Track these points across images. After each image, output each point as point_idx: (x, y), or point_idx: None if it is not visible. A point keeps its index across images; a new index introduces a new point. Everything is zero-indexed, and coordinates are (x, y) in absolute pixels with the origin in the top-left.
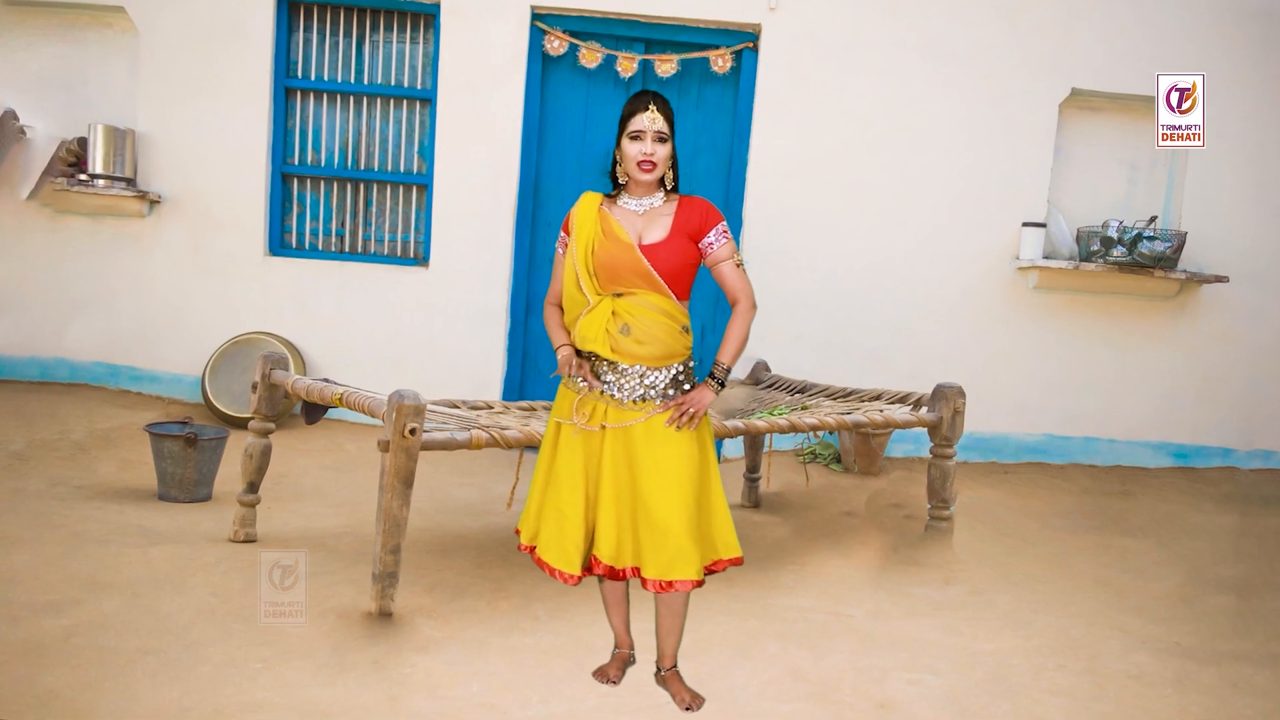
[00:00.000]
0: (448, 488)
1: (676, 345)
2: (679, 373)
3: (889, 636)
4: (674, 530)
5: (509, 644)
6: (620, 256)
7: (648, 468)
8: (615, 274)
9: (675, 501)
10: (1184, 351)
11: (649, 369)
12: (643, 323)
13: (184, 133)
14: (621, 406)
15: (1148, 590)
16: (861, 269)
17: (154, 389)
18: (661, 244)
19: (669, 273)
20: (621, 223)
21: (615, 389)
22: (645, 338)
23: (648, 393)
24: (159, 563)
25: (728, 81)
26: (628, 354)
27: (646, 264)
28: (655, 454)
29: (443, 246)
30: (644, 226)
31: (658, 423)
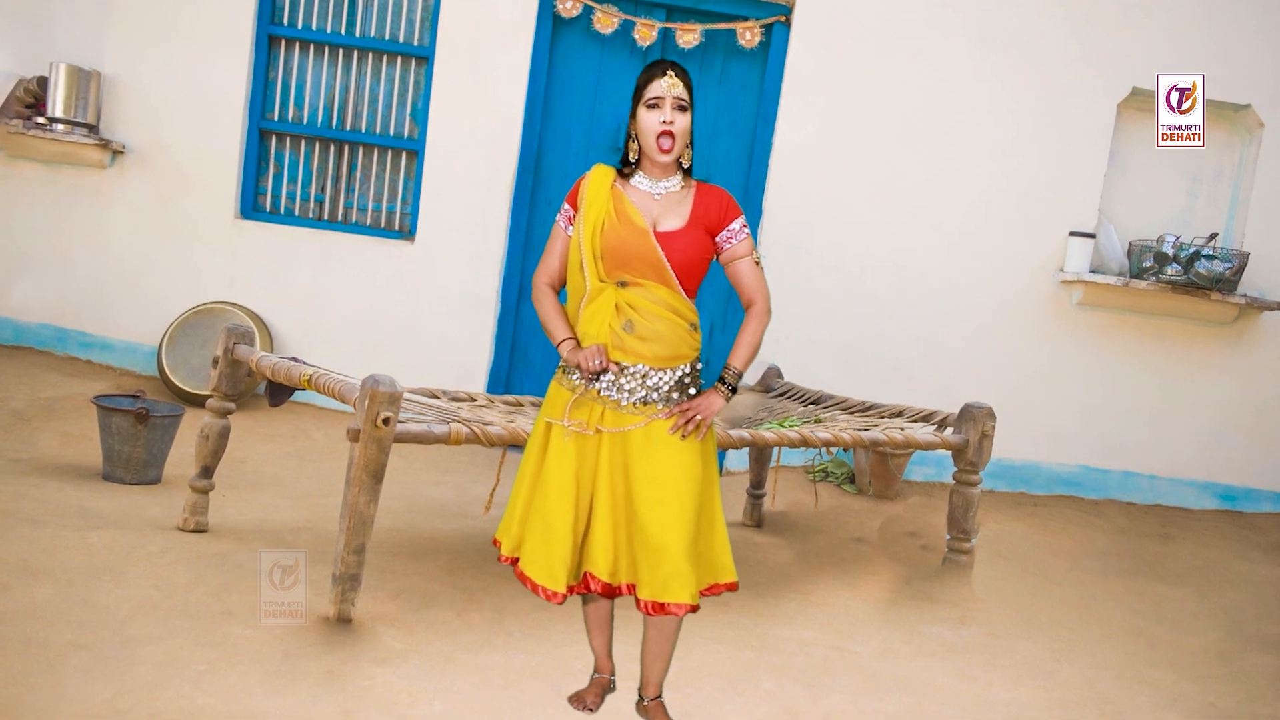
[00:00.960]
0: (421, 485)
1: (684, 345)
2: (685, 375)
3: (896, 678)
4: (671, 548)
5: (478, 661)
6: (631, 242)
7: (645, 478)
8: (623, 260)
9: (673, 517)
10: (1238, 383)
11: (653, 369)
12: (648, 319)
13: (155, 78)
14: (620, 409)
15: (1183, 644)
16: (889, 272)
17: (105, 357)
18: (678, 233)
19: (682, 265)
20: (637, 205)
21: (615, 390)
22: (650, 335)
23: (650, 395)
24: (99, 549)
25: (755, 58)
26: (631, 352)
27: (660, 253)
28: (654, 463)
29: (431, 220)
30: (660, 212)
31: (658, 429)
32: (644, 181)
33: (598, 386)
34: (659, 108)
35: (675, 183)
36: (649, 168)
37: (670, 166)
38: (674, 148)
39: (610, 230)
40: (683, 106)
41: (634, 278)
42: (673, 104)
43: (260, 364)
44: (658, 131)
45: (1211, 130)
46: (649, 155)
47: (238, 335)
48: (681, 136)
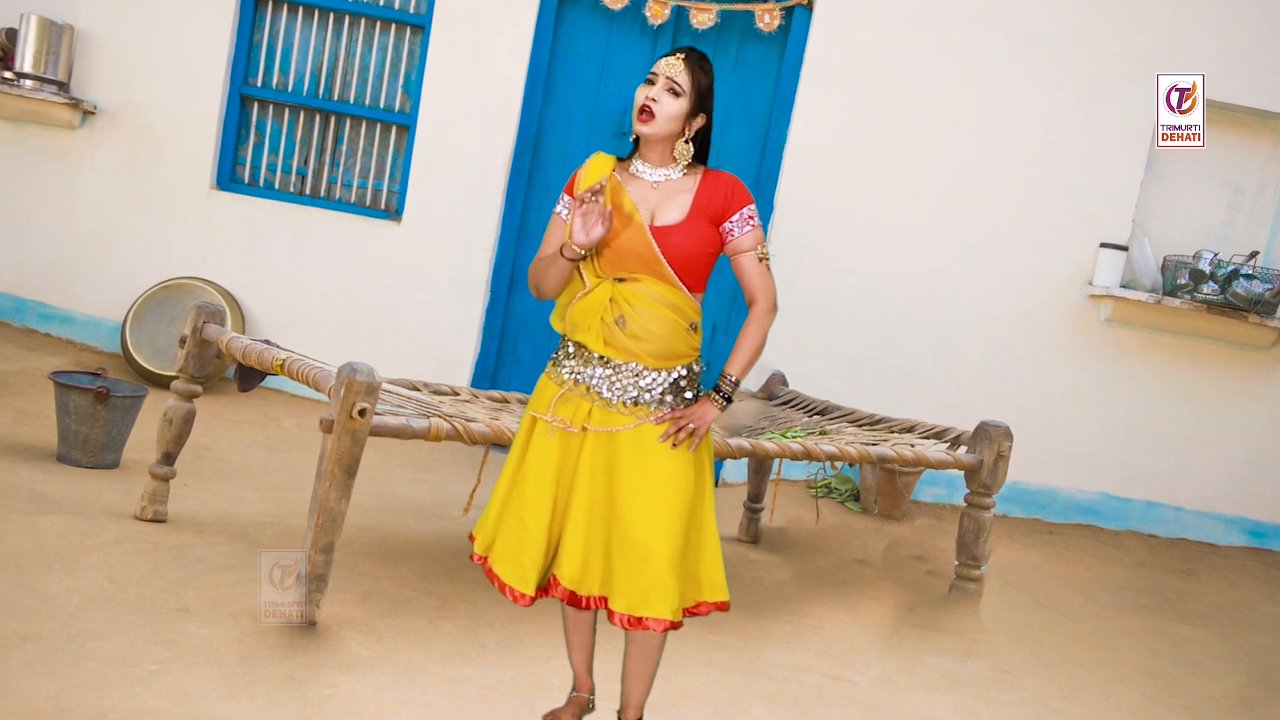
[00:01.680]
0: (396, 483)
1: (680, 345)
2: (681, 378)
3: (894, 710)
4: (654, 557)
5: (449, 672)
6: (626, 237)
7: (632, 481)
8: (619, 257)
9: (660, 524)
10: (1273, 413)
11: (645, 368)
12: (641, 315)
13: (131, 34)
14: (609, 408)
15: (1202, 688)
16: (905, 278)
17: (66, 331)
18: (677, 227)
19: (681, 261)
20: (634, 196)
21: (604, 386)
22: (642, 333)
23: (642, 396)
24: (49, 535)
25: (773, 42)
26: (621, 349)
27: (655, 249)
28: (643, 466)
29: (420, 200)
30: (658, 203)
31: (649, 432)
32: (643, 169)
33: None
34: (651, 83)
35: (677, 169)
36: (646, 151)
37: (664, 153)
38: (652, 125)
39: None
40: (675, 91)
41: (631, 273)
42: (665, 84)
43: (231, 346)
44: (639, 105)
45: (1256, 141)
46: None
47: (208, 314)
48: (666, 120)
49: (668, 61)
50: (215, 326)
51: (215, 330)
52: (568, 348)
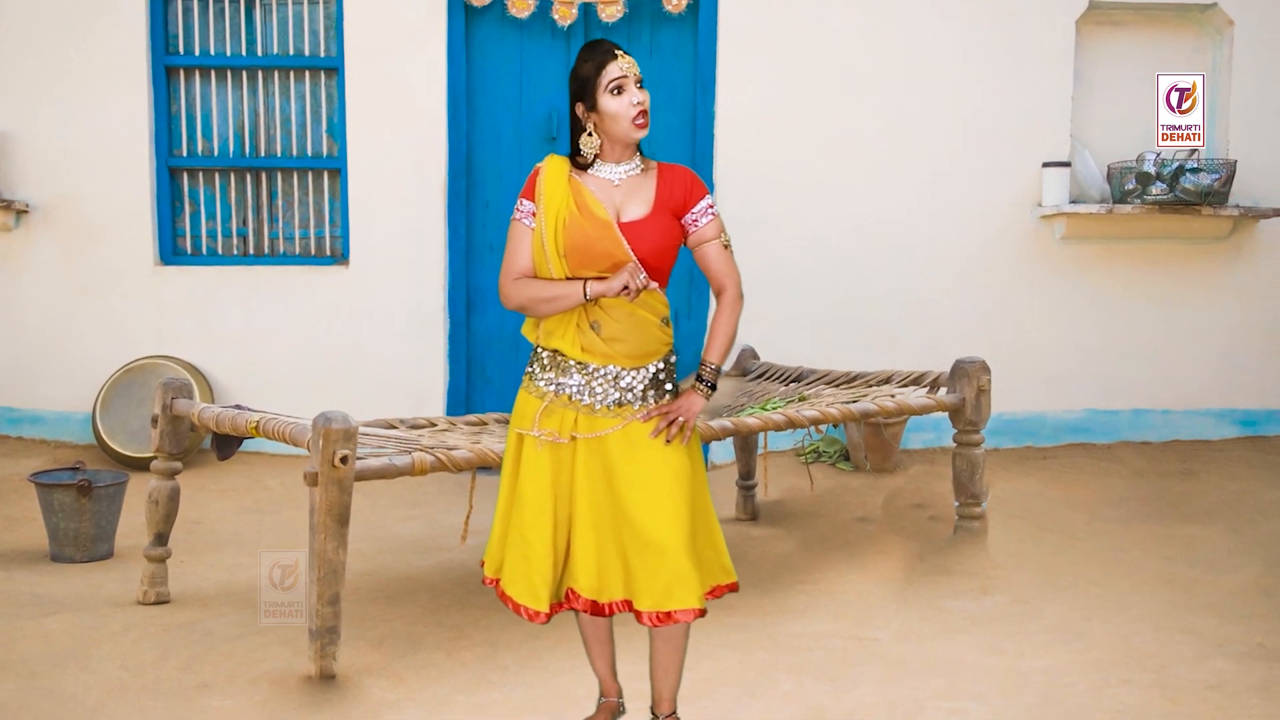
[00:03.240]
0: (390, 523)
1: (654, 342)
2: (659, 371)
3: (921, 661)
4: (670, 549)
5: (475, 701)
6: (595, 236)
7: (631, 482)
8: (589, 257)
9: (669, 517)
10: (1243, 301)
11: (624, 370)
12: (615, 317)
13: (50, 130)
14: (594, 414)
15: (1221, 584)
16: (857, 233)
17: (37, 431)
18: (643, 222)
19: (650, 256)
20: (597, 194)
21: (585, 394)
22: (618, 335)
23: (624, 397)
24: (58, 635)
25: (684, 22)
26: (598, 353)
27: (626, 246)
28: (639, 464)
29: (364, 240)
30: (623, 200)
31: (638, 431)
32: (601, 168)
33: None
34: (625, 90)
35: (635, 165)
36: (609, 152)
37: (631, 147)
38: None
39: (572, 225)
40: (641, 83)
41: (601, 274)
42: (636, 81)
43: (203, 416)
44: (632, 114)
45: (1179, 35)
46: (625, 138)
47: (175, 389)
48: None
49: (623, 63)
50: (184, 401)
51: (185, 404)
52: (542, 359)
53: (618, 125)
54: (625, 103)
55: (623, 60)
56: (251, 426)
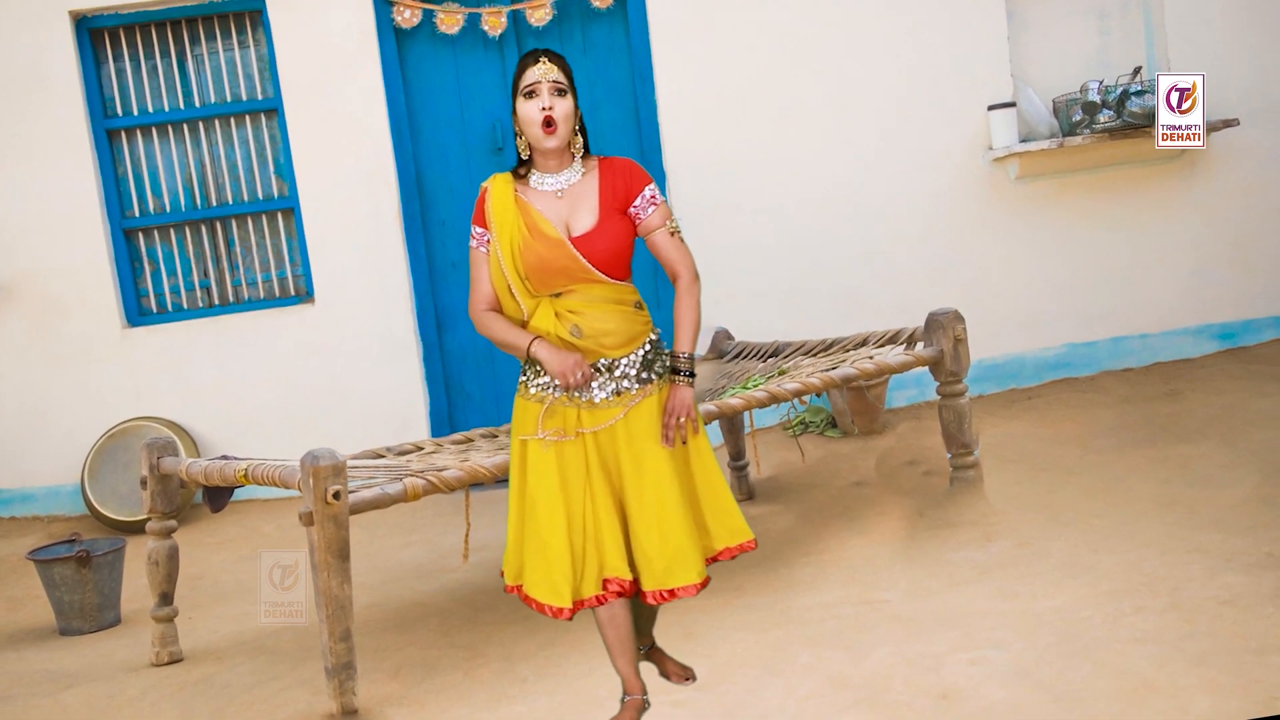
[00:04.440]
0: (390, 551)
1: (635, 326)
2: (648, 352)
3: (935, 616)
4: (669, 534)
5: (498, 717)
6: (549, 255)
7: (632, 466)
8: (548, 276)
9: (665, 501)
10: (1205, 215)
11: (616, 360)
12: (591, 319)
13: (1, 208)
14: (595, 407)
15: (1221, 499)
16: (815, 202)
17: (28, 509)
18: (594, 231)
19: (606, 261)
20: (543, 212)
21: (584, 391)
22: (599, 331)
23: (620, 385)
24: (76, 709)
25: (614, 16)
26: (589, 352)
27: (582, 260)
28: (636, 453)
29: (326, 275)
30: (569, 211)
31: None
32: (543, 180)
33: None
34: (536, 95)
35: (575, 170)
36: (542, 162)
37: (563, 155)
38: (558, 131)
39: (526, 249)
40: (561, 90)
41: (564, 287)
42: (550, 88)
43: (191, 471)
44: (539, 120)
45: None
46: (536, 147)
47: (159, 449)
48: (565, 120)
49: (538, 69)
50: (170, 459)
51: (172, 462)
52: (535, 367)
53: (529, 130)
54: (534, 107)
55: (540, 66)
56: (240, 474)
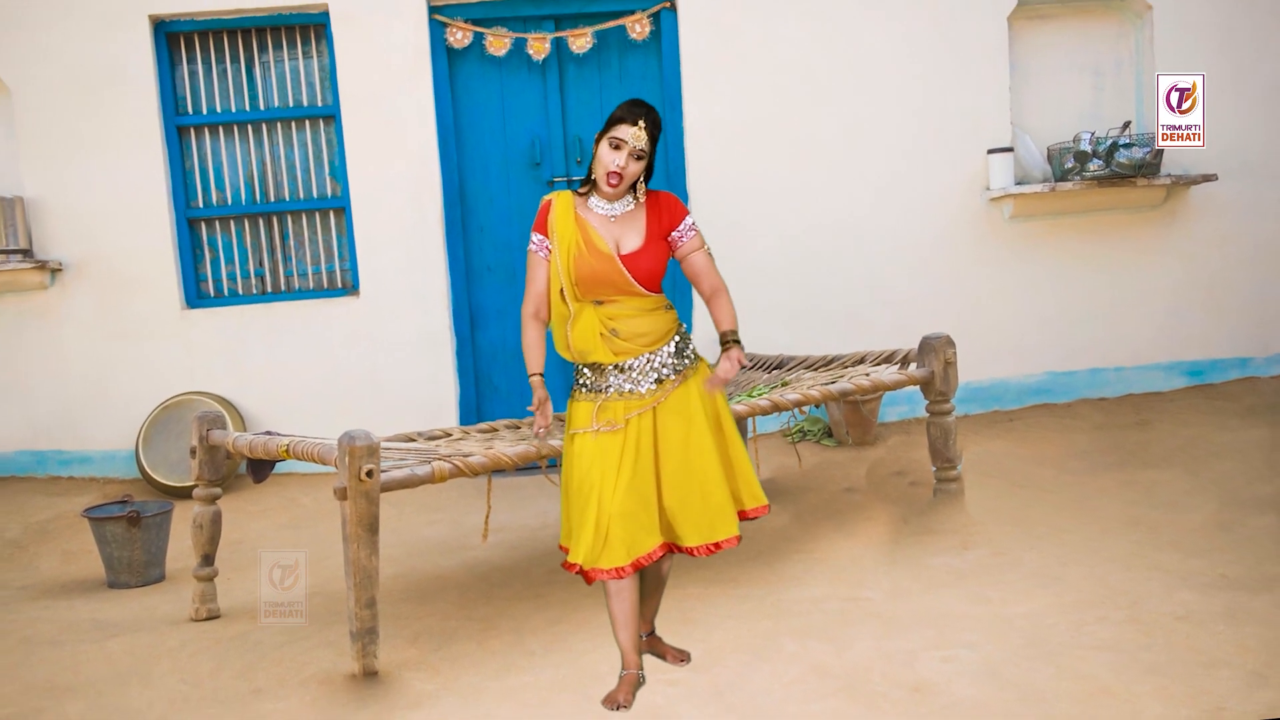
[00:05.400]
0: (416, 527)
1: (665, 324)
2: (677, 343)
3: (913, 615)
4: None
5: (507, 685)
6: (600, 268)
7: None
8: (596, 284)
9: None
10: (1182, 261)
11: (652, 353)
12: (628, 324)
13: (76, 193)
14: (641, 397)
15: (1182, 523)
16: (823, 228)
17: (86, 470)
18: (640, 252)
19: (646, 277)
20: (599, 230)
21: (628, 383)
22: (635, 334)
23: (659, 374)
24: (120, 656)
25: (649, 48)
26: (626, 352)
27: (628, 275)
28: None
29: (371, 271)
30: (620, 234)
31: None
32: (600, 204)
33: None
34: (619, 150)
35: (628, 202)
36: (603, 190)
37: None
38: (620, 187)
39: (580, 260)
40: (640, 156)
41: (607, 296)
42: (631, 153)
43: (236, 444)
44: (608, 171)
45: (1104, 23)
46: (599, 185)
47: (209, 422)
48: (629, 179)
49: (634, 133)
50: (218, 431)
51: (219, 434)
52: (584, 373)
53: (597, 169)
54: (610, 159)
55: (635, 129)
56: (282, 449)
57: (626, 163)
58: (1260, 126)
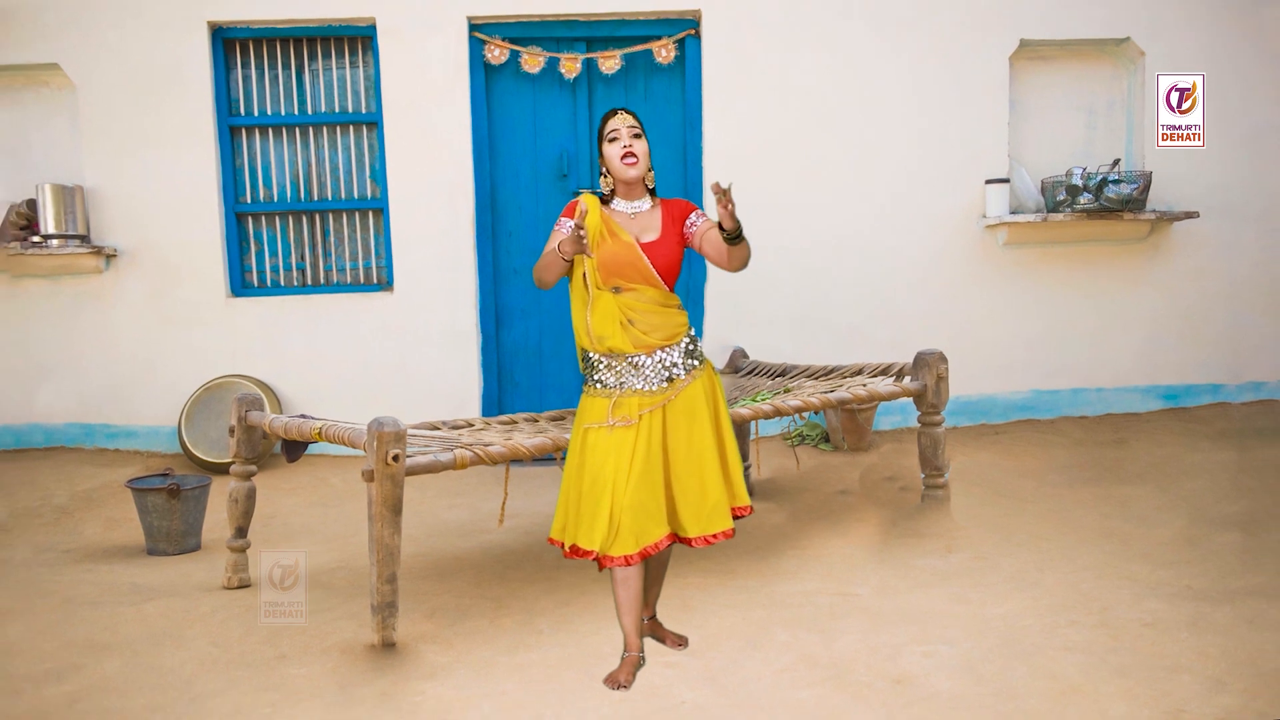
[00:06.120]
0: (437, 510)
1: (676, 324)
2: (688, 343)
3: (898, 611)
4: (709, 490)
5: (516, 661)
6: (622, 254)
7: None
8: (617, 268)
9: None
10: (1162, 292)
11: (664, 351)
12: (643, 314)
13: (133, 184)
14: (652, 395)
15: (1152, 536)
16: (829, 245)
17: (131, 444)
18: (657, 243)
19: (663, 267)
20: (621, 224)
21: (641, 381)
22: (650, 327)
23: (670, 372)
24: (155, 618)
25: (673, 71)
26: (643, 345)
27: (646, 260)
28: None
29: (405, 269)
30: (639, 229)
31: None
32: (621, 204)
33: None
34: (618, 139)
35: (645, 203)
36: (624, 191)
37: (639, 188)
38: (638, 164)
39: (604, 245)
40: (637, 134)
41: (626, 283)
42: (628, 132)
43: (272, 426)
44: (621, 154)
45: (1098, 66)
46: (619, 177)
47: (248, 403)
48: (643, 157)
49: (617, 119)
50: (256, 413)
51: (257, 416)
52: (598, 369)
53: (611, 165)
54: (616, 148)
55: (619, 117)
56: (315, 432)
57: (631, 142)
58: (1242, 169)
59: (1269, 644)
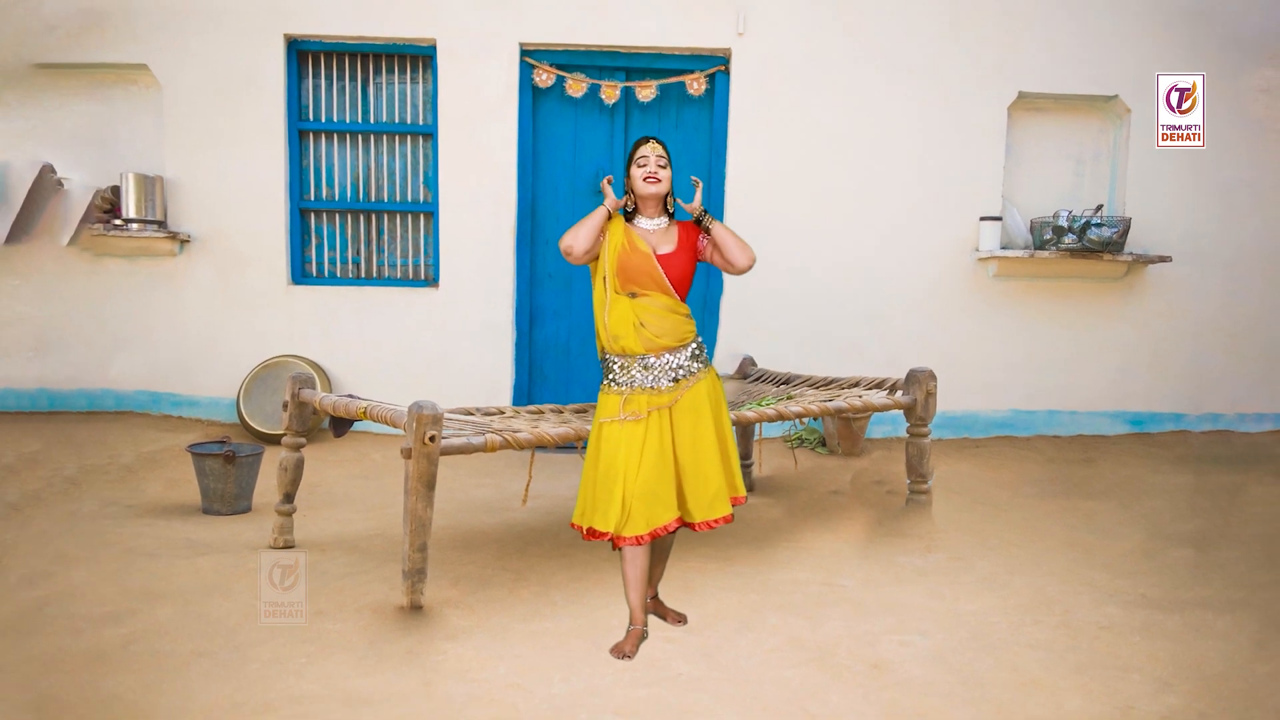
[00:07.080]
0: (467, 488)
1: (684, 330)
2: (694, 348)
3: (879, 603)
4: (712, 478)
5: (531, 629)
6: (639, 263)
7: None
8: (634, 277)
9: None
10: (1134, 327)
11: (671, 354)
12: (654, 318)
13: (208, 177)
14: (660, 393)
15: (1113, 548)
16: (835, 267)
17: (193, 413)
18: (672, 255)
19: (676, 277)
20: (641, 237)
21: (650, 380)
22: (660, 331)
23: (677, 373)
24: (206, 571)
25: (703, 103)
26: (653, 347)
27: (660, 270)
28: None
29: (451, 268)
30: (657, 242)
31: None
32: (642, 221)
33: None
34: (645, 164)
35: (663, 221)
36: (644, 209)
37: (658, 207)
38: (660, 185)
39: (624, 254)
40: (664, 164)
41: (641, 290)
42: (656, 161)
43: (322, 403)
44: (644, 177)
45: (1088, 119)
46: (640, 193)
47: (301, 381)
48: (666, 181)
49: (648, 147)
50: (308, 390)
51: (309, 393)
52: (613, 369)
53: (635, 184)
54: (642, 172)
55: (650, 145)
56: (360, 411)
57: (655, 168)
58: (1214, 219)
59: (1213, 651)
